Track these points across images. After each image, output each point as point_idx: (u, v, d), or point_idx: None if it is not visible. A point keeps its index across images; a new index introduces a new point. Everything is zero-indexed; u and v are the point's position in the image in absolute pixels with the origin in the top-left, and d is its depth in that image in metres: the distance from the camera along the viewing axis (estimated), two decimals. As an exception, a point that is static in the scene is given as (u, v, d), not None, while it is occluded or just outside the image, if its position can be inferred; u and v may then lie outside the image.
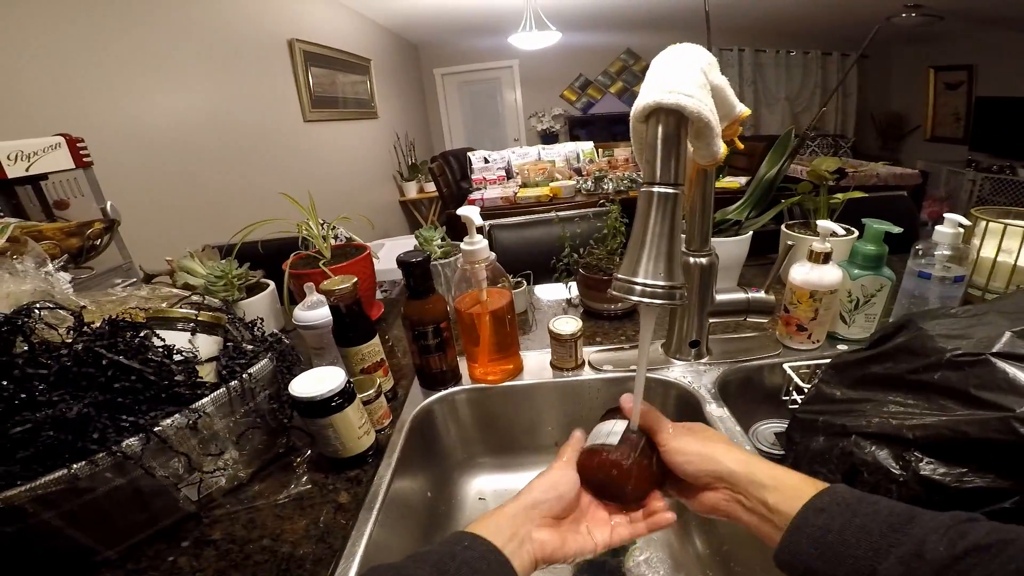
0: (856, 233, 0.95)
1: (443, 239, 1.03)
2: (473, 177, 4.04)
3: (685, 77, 0.45)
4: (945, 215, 0.80)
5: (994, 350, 0.42)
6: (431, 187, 4.84)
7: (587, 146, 4.31)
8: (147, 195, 1.88)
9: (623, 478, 0.47)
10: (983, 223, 0.88)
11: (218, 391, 0.57)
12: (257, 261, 1.02)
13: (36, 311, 0.51)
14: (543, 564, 0.44)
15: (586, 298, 1.01)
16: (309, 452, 0.71)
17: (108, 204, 1.18)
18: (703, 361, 0.82)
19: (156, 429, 0.50)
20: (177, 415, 0.53)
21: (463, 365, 0.86)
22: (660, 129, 0.43)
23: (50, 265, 0.61)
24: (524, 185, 3.63)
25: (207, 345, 0.60)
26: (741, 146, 0.60)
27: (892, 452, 0.46)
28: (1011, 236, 0.85)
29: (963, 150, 5.45)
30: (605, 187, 3.21)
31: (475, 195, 3.46)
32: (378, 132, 4.46)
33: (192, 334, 0.58)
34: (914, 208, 1.54)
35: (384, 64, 4.67)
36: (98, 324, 0.53)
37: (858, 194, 0.95)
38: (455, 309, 0.79)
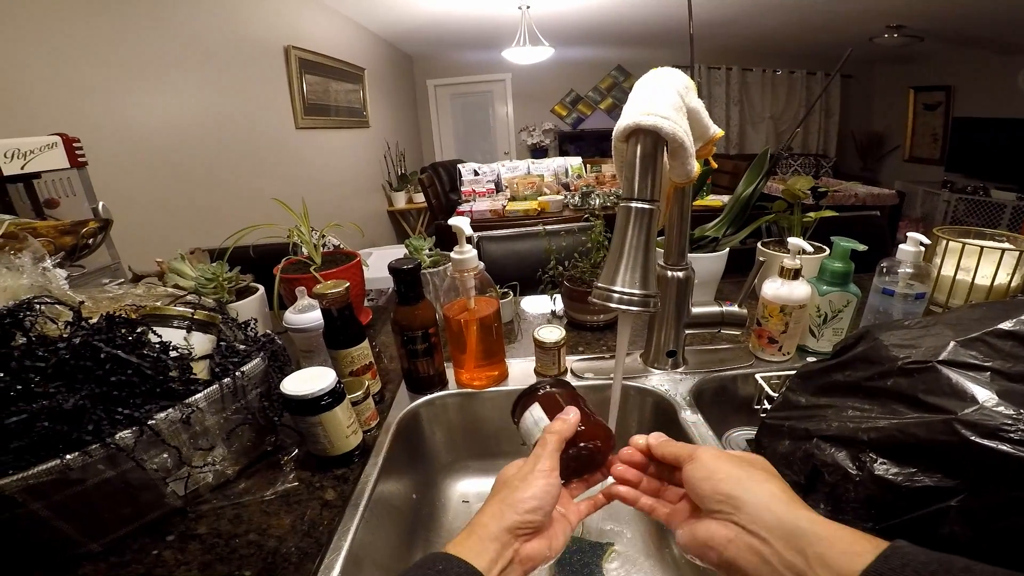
0: (827, 251, 0.99)
1: (432, 248, 1.06)
2: (463, 189, 4.07)
3: (663, 100, 0.49)
4: (908, 234, 0.85)
5: (940, 358, 0.46)
6: (420, 198, 4.86)
7: (576, 161, 4.39)
8: (137, 196, 1.88)
9: (603, 449, 0.49)
10: (944, 242, 0.93)
11: (211, 387, 0.58)
12: (247, 265, 1.03)
13: (36, 305, 0.53)
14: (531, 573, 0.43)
15: (570, 309, 1.04)
16: (296, 451, 0.72)
17: (100, 204, 1.19)
18: (679, 371, 0.86)
19: (150, 422, 0.52)
20: (171, 409, 0.54)
21: (450, 371, 0.89)
22: (639, 148, 0.47)
23: (48, 261, 0.63)
24: (513, 198, 3.68)
25: (201, 343, 0.62)
26: (715, 164, 0.64)
27: (849, 453, 0.49)
28: (969, 255, 0.91)
29: (940, 171, 5.60)
30: (592, 202, 3.27)
31: (464, 207, 3.50)
32: (369, 141, 4.48)
33: (187, 332, 0.60)
34: (885, 228, 1.61)
35: (378, 73, 4.70)
36: (95, 320, 0.55)
37: (829, 213, 1.00)
38: (443, 316, 0.81)
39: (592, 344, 0.99)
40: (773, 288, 0.81)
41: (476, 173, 4.30)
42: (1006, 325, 0.48)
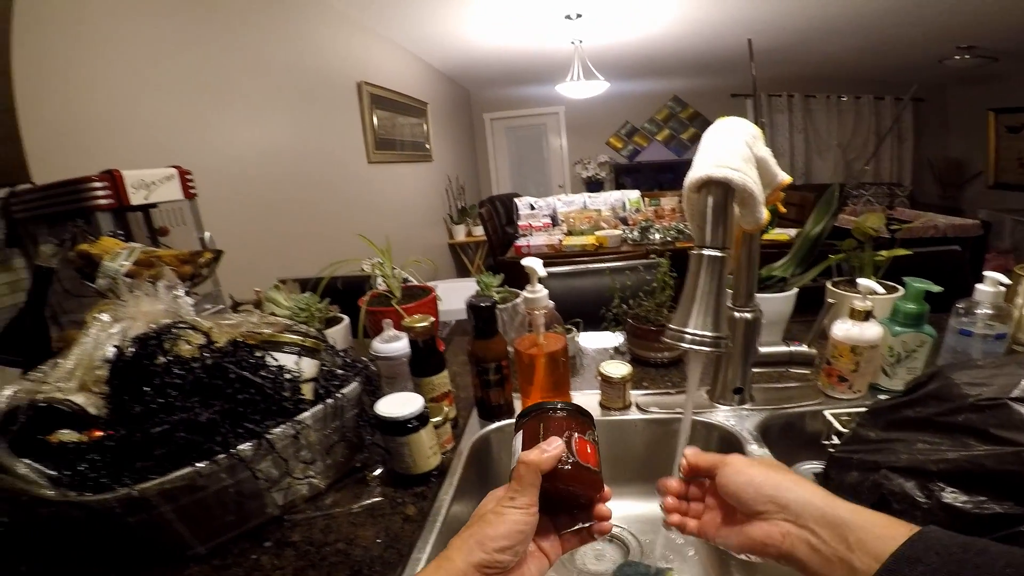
0: (900, 290, 0.97)
1: (502, 285, 1.12)
2: (519, 223, 4.11)
3: (732, 152, 0.53)
4: (986, 273, 0.82)
5: (1011, 395, 0.48)
6: (478, 231, 4.93)
7: (633, 195, 4.32)
8: (230, 225, 2.01)
9: (587, 494, 0.45)
10: (1031, 283, 0.90)
11: (316, 407, 0.65)
12: (333, 296, 1.12)
13: (176, 329, 0.62)
14: None
15: (634, 346, 1.07)
16: (380, 469, 0.78)
17: (207, 235, 1.33)
18: (746, 407, 0.86)
19: (268, 436, 0.59)
20: (284, 425, 0.62)
21: (517, 402, 0.93)
22: (710, 199, 0.51)
23: (180, 289, 0.73)
24: (569, 233, 3.67)
25: (309, 367, 0.69)
26: (784, 210, 0.67)
27: (918, 483, 0.51)
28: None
29: None
30: (651, 237, 3.21)
31: (521, 241, 3.53)
32: (432, 175, 4.65)
33: (298, 357, 0.68)
34: (966, 263, 1.53)
35: (439, 108, 4.88)
36: (221, 343, 0.64)
37: (902, 251, 0.98)
38: (514, 350, 0.86)
39: (656, 380, 1.01)
40: (843, 329, 0.81)
41: (532, 207, 4.35)
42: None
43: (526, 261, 0.79)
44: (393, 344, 0.81)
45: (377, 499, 0.73)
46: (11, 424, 0.59)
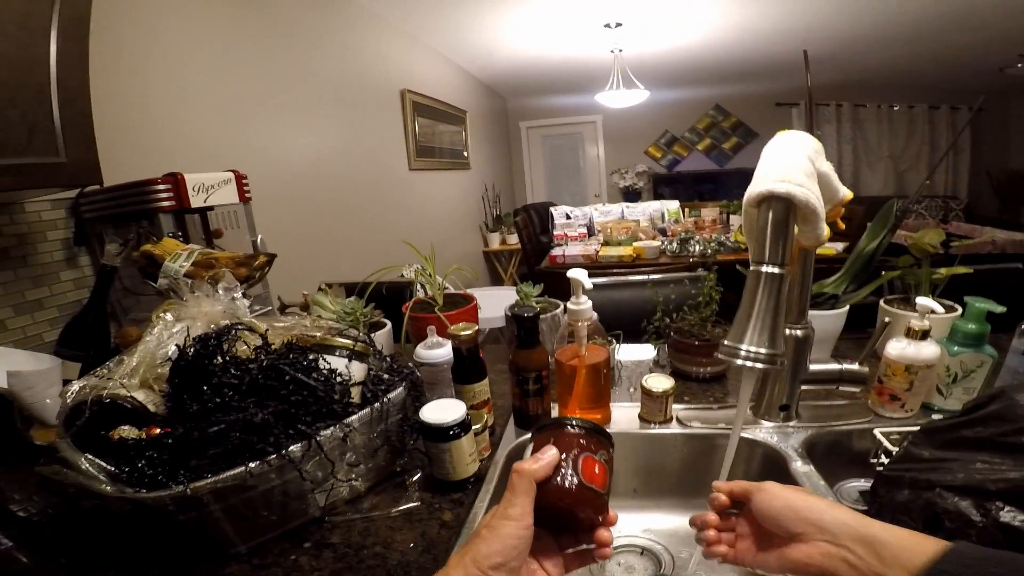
0: (958, 310, 0.93)
1: (541, 295, 1.12)
2: (555, 233, 4.04)
3: (794, 166, 0.51)
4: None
5: None
6: (512, 239, 4.93)
7: (672, 205, 4.22)
8: (281, 229, 2.07)
9: (587, 516, 0.44)
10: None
11: (363, 411, 0.67)
12: (377, 301, 1.14)
13: (235, 330, 0.64)
14: None
15: (676, 360, 1.05)
16: (419, 474, 0.79)
17: (259, 237, 1.37)
18: (791, 424, 0.84)
19: (318, 438, 0.60)
20: (333, 427, 0.63)
21: (555, 411, 0.92)
22: (771, 215, 0.50)
23: (238, 291, 0.76)
24: (606, 243, 3.60)
25: (358, 371, 0.71)
26: (842, 226, 0.65)
27: (974, 502, 0.49)
28: None
29: None
30: (691, 249, 3.14)
31: (556, 251, 3.46)
32: (469, 182, 4.70)
33: (349, 360, 0.69)
34: (1032, 283, 1.44)
35: (477, 116, 4.93)
36: (276, 345, 0.66)
37: (963, 269, 0.93)
38: (555, 360, 0.86)
39: (698, 394, 0.99)
40: (898, 348, 0.78)
41: (568, 216, 4.29)
42: None
43: (572, 273, 0.79)
44: (436, 351, 0.83)
45: (415, 504, 0.73)
46: (76, 419, 0.62)
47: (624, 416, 0.93)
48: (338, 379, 0.66)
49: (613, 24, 3.45)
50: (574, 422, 0.48)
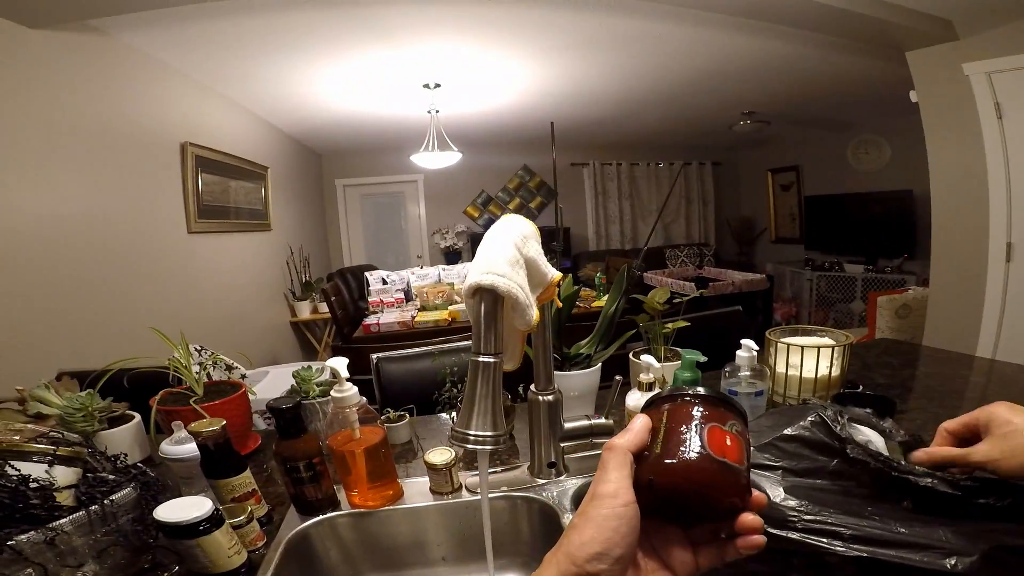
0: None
1: (332, 376, 1.07)
2: (370, 300, 3.92)
3: (500, 256, 0.58)
4: (742, 341, 1.00)
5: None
6: (325, 307, 4.48)
7: (486, 267, 4.41)
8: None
9: (716, 496, 0.36)
10: (773, 343, 1.10)
11: (77, 513, 0.63)
12: (121, 393, 0.99)
13: None
14: None
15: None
16: (177, 568, 0.71)
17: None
18: (562, 478, 0.92)
19: (10, 543, 0.56)
20: (33, 532, 0.59)
21: (341, 492, 0.89)
22: (482, 306, 0.55)
23: None
24: (423, 308, 3.61)
25: (65, 474, 0.66)
26: (560, 304, 0.75)
27: None
28: (795, 353, 1.07)
29: (801, 249, 6.06)
30: (507, 311, 3.32)
31: (371, 320, 3.39)
32: (270, 246, 4.25)
33: (50, 466, 0.65)
34: (746, 321, 1.83)
35: (282, 172, 4.56)
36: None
37: (682, 323, 1.15)
38: (328, 446, 0.82)
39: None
40: (635, 399, 0.92)
41: (384, 281, 4.20)
42: (789, 431, 0.61)
43: (330, 362, 0.78)
44: (183, 446, 0.78)
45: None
46: None
47: (418, 491, 0.93)
48: (33, 485, 0.62)
49: (432, 84, 3.49)
50: (689, 392, 0.41)
